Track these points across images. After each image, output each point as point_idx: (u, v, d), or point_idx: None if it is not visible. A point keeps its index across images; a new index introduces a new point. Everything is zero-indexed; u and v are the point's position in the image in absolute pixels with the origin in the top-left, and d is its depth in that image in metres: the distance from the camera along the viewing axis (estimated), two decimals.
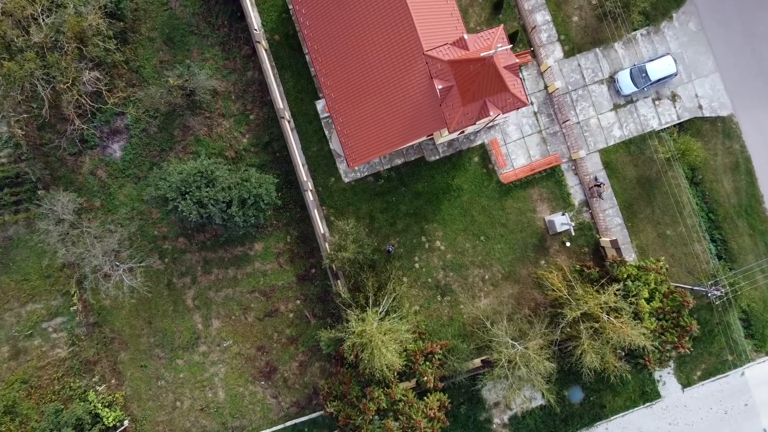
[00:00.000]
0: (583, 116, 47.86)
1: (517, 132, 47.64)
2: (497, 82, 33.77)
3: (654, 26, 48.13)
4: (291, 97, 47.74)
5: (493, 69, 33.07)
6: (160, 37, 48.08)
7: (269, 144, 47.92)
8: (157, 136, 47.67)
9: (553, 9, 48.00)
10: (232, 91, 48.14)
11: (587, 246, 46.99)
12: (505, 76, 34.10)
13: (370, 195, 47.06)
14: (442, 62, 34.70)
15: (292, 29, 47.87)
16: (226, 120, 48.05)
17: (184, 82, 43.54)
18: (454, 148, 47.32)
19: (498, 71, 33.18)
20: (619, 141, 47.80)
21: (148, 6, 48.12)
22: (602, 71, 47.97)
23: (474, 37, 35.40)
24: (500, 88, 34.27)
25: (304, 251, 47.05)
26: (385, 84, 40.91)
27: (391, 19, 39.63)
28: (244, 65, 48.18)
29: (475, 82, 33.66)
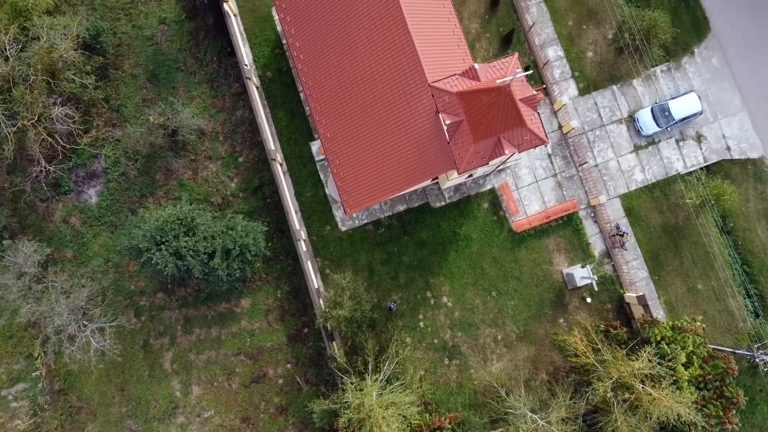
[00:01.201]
0: (602, 158, 43.91)
1: (530, 176, 43.59)
2: (513, 116, 29.79)
3: (675, 62, 44.71)
4: (284, 138, 43.90)
5: (510, 100, 29.11)
6: (144, 74, 44.56)
7: (259, 189, 43.84)
8: (137, 181, 43.61)
9: (566, 44, 44.66)
10: (220, 131, 44.34)
11: (610, 302, 42.31)
12: (522, 110, 30.16)
13: (369, 245, 42.65)
14: (450, 94, 30.80)
15: (286, 65, 44.41)
16: (212, 163, 44.08)
17: (165, 120, 39.70)
18: (462, 193, 43.20)
19: (515, 102, 29.19)
20: (642, 185, 43.71)
21: (132, 41, 44.79)
22: (620, 110, 44.27)
23: (485, 67, 31.61)
24: (517, 123, 30.30)
25: (295, 308, 42.32)
26: (387, 122, 37.06)
27: (394, 52, 36.05)
28: (233, 104, 44.52)
29: (488, 115, 29.68)
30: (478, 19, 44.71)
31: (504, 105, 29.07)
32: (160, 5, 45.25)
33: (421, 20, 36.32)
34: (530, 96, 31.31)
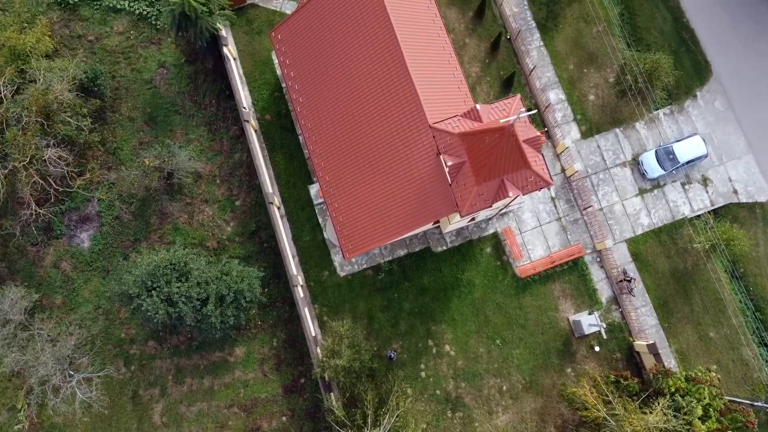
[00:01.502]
0: (606, 202, 42.96)
1: (534, 219, 42.56)
2: (517, 157, 28.94)
3: (677, 105, 44.27)
4: (282, 181, 43.07)
5: (513, 140, 28.29)
6: (142, 117, 44.09)
7: (256, 233, 42.75)
8: (131, 224, 42.57)
9: (567, 87, 44.32)
10: (217, 174, 43.55)
11: (619, 351, 40.63)
12: (526, 151, 29.34)
13: (369, 291, 41.28)
14: (451, 135, 30.06)
15: (285, 108, 43.97)
16: (209, 206, 43.12)
17: (161, 162, 38.93)
18: (464, 237, 42.08)
19: (519, 143, 28.38)
20: (648, 230, 42.62)
21: (130, 84, 44.49)
22: (624, 153, 43.57)
23: (487, 108, 30.98)
24: (521, 164, 29.42)
25: (292, 357, 40.62)
26: (387, 164, 36.26)
27: (394, 93, 35.55)
28: (231, 147, 43.87)
29: (491, 156, 28.84)
30: (478, 63, 44.52)
31: (507, 146, 28.27)
32: (160, 49, 45.16)
33: (422, 62, 35.97)
34: (534, 137, 30.58)
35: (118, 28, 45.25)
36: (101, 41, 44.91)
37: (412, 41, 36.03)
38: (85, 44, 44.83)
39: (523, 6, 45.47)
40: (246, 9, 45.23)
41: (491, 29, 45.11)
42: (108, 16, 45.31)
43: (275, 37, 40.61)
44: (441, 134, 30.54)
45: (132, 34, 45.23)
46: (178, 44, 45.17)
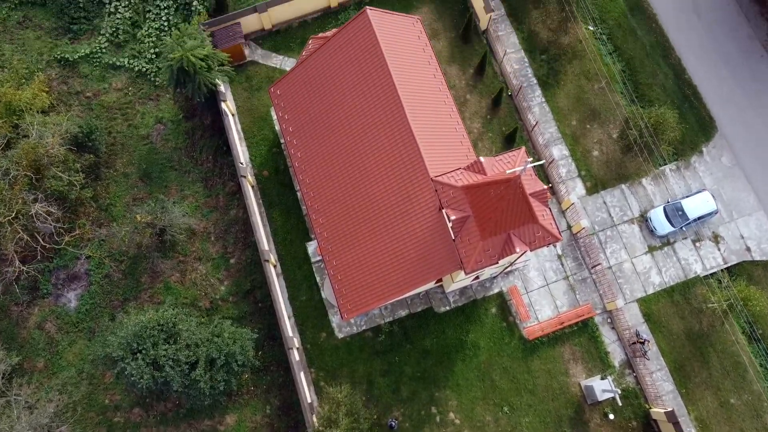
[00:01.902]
0: (615, 260, 41.38)
1: (540, 278, 40.86)
2: (524, 210, 27.59)
3: (683, 161, 43.38)
4: (278, 239, 41.66)
5: (520, 192, 27.00)
6: (137, 173, 43.13)
7: (251, 292, 41.00)
8: (121, 283, 40.87)
9: (571, 143, 43.56)
10: (211, 231, 42.18)
11: (636, 419, 38.12)
12: (533, 204, 28.03)
13: (368, 354, 39.15)
14: (454, 188, 28.83)
15: (283, 164, 43.07)
16: (202, 264, 41.53)
17: (153, 219, 37.62)
18: (467, 297, 40.28)
19: (525, 195, 27.08)
20: (660, 289, 40.86)
21: (126, 140, 43.78)
22: (631, 210, 42.33)
23: (491, 161, 29.91)
24: (528, 218, 28.02)
25: (286, 426, 38.06)
26: (387, 220, 34.93)
27: (394, 148, 34.62)
28: (227, 203, 42.71)
29: (496, 210, 27.47)
30: (479, 119, 43.95)
31: (514, 199, 26.98)
32: (158, 106, 44.70)
33: (423, 116, 35.23)
34: (540, 190, 29.36)
35: (117, 84, 44.95)
36: (99, 97, 44.52)
37: (412, 95, 35.42)
38: (82, 100, 44.42)
39: (524, 63, 45.31)
40: (246, 66, 45.06)
41: (492, 86, 44.80)
42: (107, 73, 45.10)
43: (274, 92, 40.12)
44: (443, 187, 29.34)
45: (130, 91, 44.88)
46: (176, 100, 44.74)
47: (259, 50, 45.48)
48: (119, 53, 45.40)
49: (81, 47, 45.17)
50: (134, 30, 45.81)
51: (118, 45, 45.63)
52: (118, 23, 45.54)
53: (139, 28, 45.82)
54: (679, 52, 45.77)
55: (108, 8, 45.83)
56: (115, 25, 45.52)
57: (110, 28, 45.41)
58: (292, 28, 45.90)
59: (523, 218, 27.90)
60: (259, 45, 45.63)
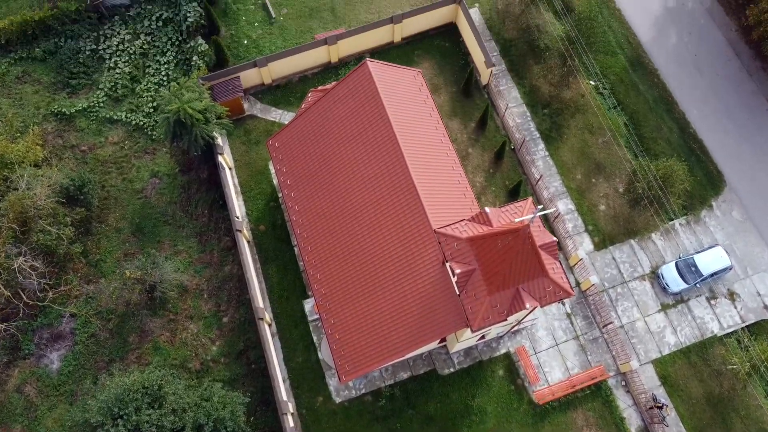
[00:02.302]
0: (627, 318, 39.43)
1: (549, 338, 38.81)
2: (534, 263, 25.99)
3: (693, 215, 42.08)
4: (274, 296, 39.88)
5: (530, 243, 25.46)
6: (129, 228, 41.75)
7: (244, 353, 38.87)
8: (108, 343, 38.80)
9: (576, 197, 42.40)
10: (204, 288, 40.42)
11: None
12: (543, 257, 26.46)
13: (368, 420, 36.65)
14: (459, 240, 27.33)
15: (281, 219, 41.77)
16: (193, 323, 39.57)
17: (143, 274, 35.96)
18: (473, 358, 38.12)
19: (535, 247, 25.53)
20: (676, 349, 38.76)
21: (120, 194, 42.65)
22: (642, 266, 40.70)
23: (497, 212, 28.55)
24: (538, 272, 26.40)
25: None
26: (387, 276, 33.30)
27: (395, 200, 33.39)
28: (221, 259, 41.13)
29: (504, 263, 25.87)
30: (482, 173, 42.97)
31: (523, 250, 25.44)
32: (154, 159, 43.83)
33: (425, 168, 34.19)
34: (550, 243, 27.87)
35: (113, 138, 44.24)
36: (94, 151, 43.71)
37: (414, 146, 34.51)
38: (77, 154, 43.59)
39: (526, 117, 44.75)
40: (244, 120, 44.50)
41: (494, 140, 44.08)
42: (104, 127, 44.47)
43: (272, 144, 39.30)
44: (447, 240, 27.87)
45: (126, 144, 44.12)
46: (173, 154, 43.91)
47: (258, 104, 45.02)
48: (117, 107, 44.93)
49: (79, 101, 44.74)
50: (133, 85, 45.51)
51: (117, 99, 45.21)
52: (117, 78, 45.29)
53: (138, 82, 45.53)
54: (682, 107, 45.30)
55: (108, 63, 45.70)
56: (114, 79, 45.26)
57: (109, 83, 45.12)
58: (291, 83, 45.62)
59: (532, 271, 26.29)
60: (259, 99, 45.22)
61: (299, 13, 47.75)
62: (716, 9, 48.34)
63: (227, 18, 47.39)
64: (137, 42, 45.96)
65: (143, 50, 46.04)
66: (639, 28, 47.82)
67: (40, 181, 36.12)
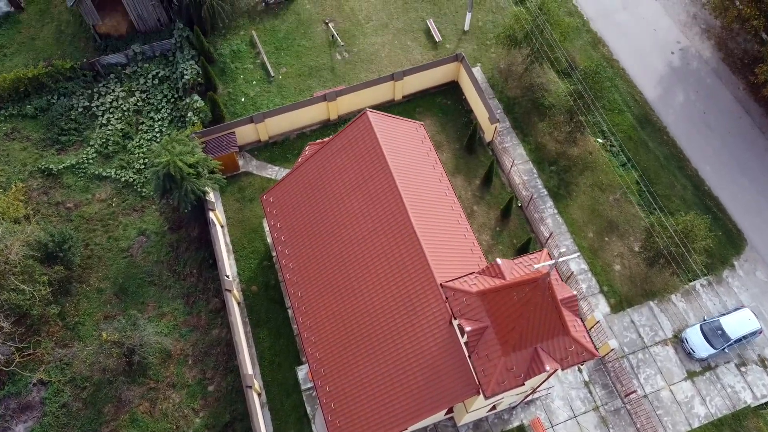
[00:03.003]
0: (651, 387, 36.04)
1: (566, 409, 35.26)
2: (554, 319, 23.12)
3: (714, 276, 39.45)
4: (265, 362, 36.65)
5: (549, 295, 22.66)
6: (112, 288, 39.05)
7: (230, 426, 35.25)
8: (80, 414, 35.26)
9: (589, 256, 39.93)
10: (189, 353, 37.24)
11: None
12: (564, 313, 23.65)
13: None
14: (468, 295, 24.59)
15: (274, 279, 39.12)
16: (176, 392, 36.14)
17: (122, 337, 32.93)
18: (483, 431, 34.42)
19: (555, 299, 22.74)
20: (707, 421, 35.16)
21: (104, 253, 40.19)
22: (663, 329, 37.69)
23: (510, 264, 25.93)
24: (559, 329, 23.51)
25: None
26: (387, 338, 30.33)
27: (396, 256, 30.92)
28: (209, 321, 38.17)
29: (521, 319, 22.95)
30: (488, 231, 40.71)
31: (542, 303, 22.64)
32: (142, 217, 41.68)
33: (428, 221, 31.94)
34: (569, 297, 25.16)
35: (101, 195, 42.29)
36: (80, 208, 41.65)
37: (417, 199, 32.42)
38: (62, 211, 41.50)
39: (533, 174, 43.00)
40: (239, 177, 42.71)
41: (500, 197, 42.11)
42: (92, 184, 42.62)
43: (266, 200, 37.26)
44: (455, 294, 25.17)
45: (114, 202, 42.11)
46: (162, 211, 41.84)
47: (254, 161, 43.36)
48: (107, 164, 43.25)
49: (67, 158, 43.12)
50: (125, 141, 44.05)
51: (107, 156, 43.61)
52: (108, 135, 43.91)
53: (130, 139, 44.09)
54: (695, 164, 43.65)
55: (100, 120, 44.44)
56: (105, 136, 43.85)
57: (100, 140, 43.68)
58: (289, 140, 44.18)
59: (553, 329, 23.40)
60: (255, 156, 43.62)
61: (298, 72, 46.96)
62: (722, 68, 47.62)
63: (225, 77, 46.55)
64: (131, 99, 44.90)
65: (137, 107, 44.92)
66: (644, 87, 46.91)
67: (16, 235, 33.73)
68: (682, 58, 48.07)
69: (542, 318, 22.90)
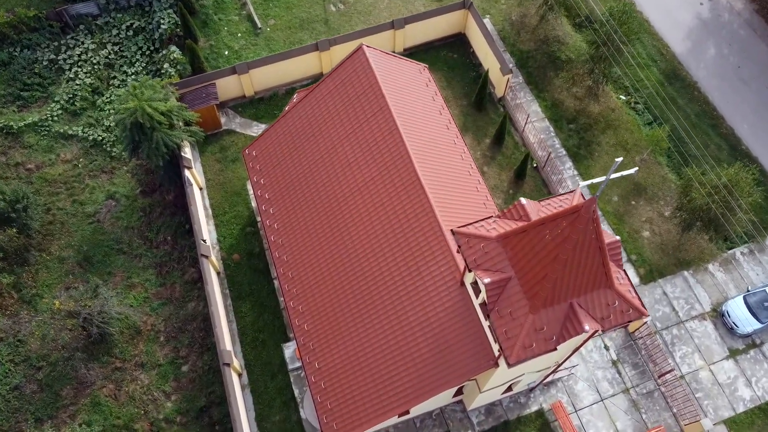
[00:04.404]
0: (688, 367, 31.51)
1: (592, 391, 30.73)
2: (596, 263, 18.16)
3: (756, 244, 34.92)
4: (247, 339, 32.09)
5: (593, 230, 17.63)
6: (75, 257, 34.47)
7: (205, 411, 30.71)
8: (35, 398, 30.68)
9: (614, 222, 35.43)
10: (162, 329, 32.67)
11: None
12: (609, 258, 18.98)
13: None
14: (487, 240, 19.91)
15: (258, 246, 34.58)
16: (145, 372, 31.58)
17: (78, 305, 28.34)
18: (496, 417, 29.91)
19: (601, 235, 17.89)
20: (753, 405, 30.66)
21: (68, 218, 35.63)
22: (700, 302, 33.17)
23: (536, 205, 21.23)
24: (600, 279, 18.70)
25: None
26: (387, 303, 25.78)
27: (396, 206, 26.38)
28: (185, 294, 33.63)
29: (555, 264, 17.98)
30: (501, 194, 36.20)
31: (583, 242, 17.66)
32: (112, 179, 37.12)
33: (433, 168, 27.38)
34: (613, 242, 20.47)
35: (66, 155, 37.73)
36: (42, 170, 37.07)
37: (421, 143, 27.90)
38: (21, 173, 36.94)
39: (549, 132, 38.49)
40: (221, 135, 38.17)
41: (513, 157, 37.62)
42: (56, 143, 38.05)
43: (249, 154, 32.74)
44: (470, 241, 20.51)
45: (81, 163, 37.55)
46: (135, 173, 37.29)
47: (237, 118, 38.82)
48: (74, 122, 38.69)
49: (29, 115, 38.53)
50: (94, 97, 39.48)
51: (74, 113, 39.04)
52: (76, 90, 39.31)
53: (100, 95, 39.51)
54: (730, 122, 39.14)
55: (67, 74, 39.85)
56: (72, 91, 39.26)
57: (66, 95, 39.09)
58: (277, 96, 39.65)
59: (593, 278, 18.66)
60: (239, 113, 39.07)
61: (288, 24, 42.41)
62: (756, 20, 43.11)
63: (207, 29, 41.97)
64: (103, 52, 40.30)
65: (109, 61, 40.33)
66: (672, 40, 42.39)
67: None
68: (712, 10, 43.57)
69: (581, 263, 18.14)
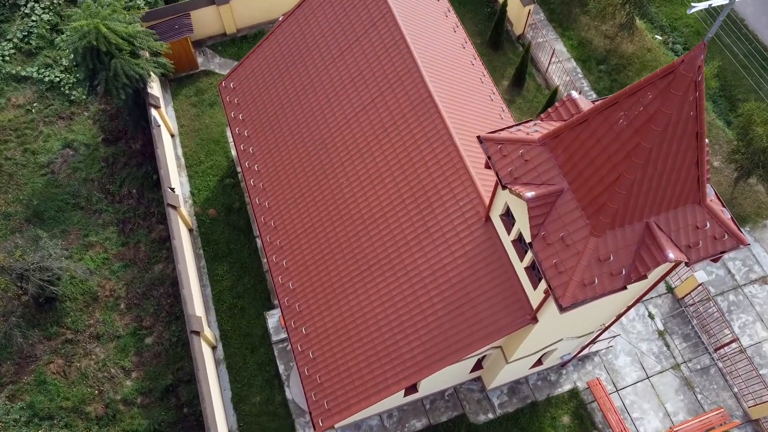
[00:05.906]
0: (749, 339, 26.38)
1: (636, 367, 25.59)
2: (690, 160, 12.63)
3: None
4: (223, 306, 26.94)
5: (694, 102, 11.75)
6: (24, 212, 29.35)
7: (173, 390, 25.57)
8: None
9: None
10: (122, 295, 27.53)
11: None
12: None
13: None
14: (528, 145, 14.53)
15: (239, 200, 29.42)
16: (101, 345, 26.45)
17: (11, 260, 23.18)
18: (522, 397, 24.80)
19: (702, 114, 12.42)
20: None
21: (17, 170, 30.50)
22: (760, 264, 28.05)
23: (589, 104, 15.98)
24: (691, 190, 13.16)
25: None
26: (391, 251, 20.63)
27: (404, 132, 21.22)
28: (151, 255, 28.48)
29: (632, 160, 11.96)
30: None
31: (679, 125, 11.94)
32: (70, 126, 31.98)
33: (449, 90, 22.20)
34: None
35: (18, 100, 32.59)
36: None
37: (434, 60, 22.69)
38: None
39: (577, 74, 33.37)
40: (197, 76, 33.04)
41: (535, 101, 32.55)
42: (7, 86, 32.91)
43: (226, 87, 27.56)
44: (504, 149, 15.16)
45: (35, 108, 32.41)
46: (97, 119, 32.17)
47: (217, 58, 33.69)
48: (28, 62, 33.56)
49: None
50: (52, 35, 34.33)
51: (29, 53, 33.92)
52: (32, 27, 34.16)
53: (59, 33, 34.34)
54: None
55: (22, 10, 34.69)
56: (27, 29, 34.10)
57: (20, 33, 33.93)
58: (262, 34, 34.52)
59: (681, 187, 13.09)
60: (218, 52, 33.92)
61: None
62: None
63: None
64: None
65: None
66: None
67: None
68: None
69: (670, 159, 12.46)
